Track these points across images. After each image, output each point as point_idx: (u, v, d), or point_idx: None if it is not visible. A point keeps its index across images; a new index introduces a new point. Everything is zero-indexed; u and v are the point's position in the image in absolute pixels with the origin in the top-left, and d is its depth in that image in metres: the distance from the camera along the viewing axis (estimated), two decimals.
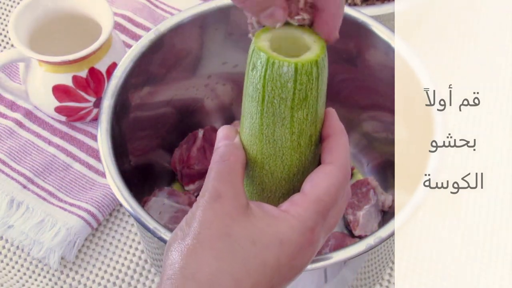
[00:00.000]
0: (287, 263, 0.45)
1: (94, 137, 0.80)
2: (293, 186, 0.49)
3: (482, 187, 0.79)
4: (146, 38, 0.67)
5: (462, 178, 0.79)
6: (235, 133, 0.49)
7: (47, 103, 0.77)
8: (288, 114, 0.46)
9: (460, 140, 0.82)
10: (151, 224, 0.57)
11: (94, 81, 0.76)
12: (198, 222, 0.44)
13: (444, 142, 0.61)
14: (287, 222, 0.45)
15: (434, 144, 0.61)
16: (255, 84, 0.46)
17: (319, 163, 0.49)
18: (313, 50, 0.46)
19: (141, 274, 0.73)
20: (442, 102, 0.63)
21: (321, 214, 0.46)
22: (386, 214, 0.73)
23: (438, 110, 0.63)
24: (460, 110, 0.84)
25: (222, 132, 0.49)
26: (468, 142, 0.82)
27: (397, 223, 0.57)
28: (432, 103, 0.63)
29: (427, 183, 0.59)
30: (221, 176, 0.46)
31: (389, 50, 0.67)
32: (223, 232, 0.44)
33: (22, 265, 0.74)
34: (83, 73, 0.75)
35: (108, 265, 0.74)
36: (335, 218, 0.48)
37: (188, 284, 0.43)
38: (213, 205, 0.45)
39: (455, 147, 0.81)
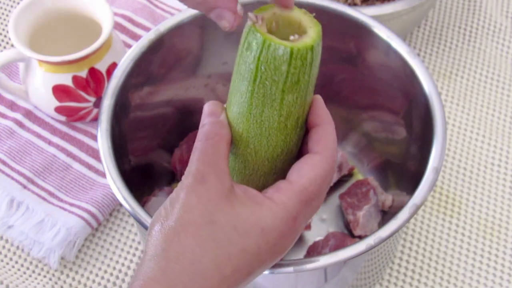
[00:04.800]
0: (268, 249, 0.45)
1: (94, 137, 0.80)
2: (275, 166, 0.50)
3: (482, 187, 0.79)
4: (146, 38, 0.67)
5: (462, 178, 0.79)
6: (222, 109, 0.49)
7: (47, 103, 0.77)
8: (279, 96, 0.46)
9: (460, 140, 0.82)
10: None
11: (94, 81, 0.76)
12: (182, 204, 0.45)
13: (444, 141, 0.61)
14: (271, 210, 0.45)
15: (434, 144, 0.61)
16: (248, 64, 0.46)
17: (302, 146, 0.49)
18: (309, 35, 0.46)
19: None
20: (442, 102, 0.63)
21: (304, 203, 0.46)
22: (386, 214, 0.73)
23: (438, 110, 0.63)
24: (460, 109, 0.85)
25: (208, 108, 0.48)
26: (467, 141, 0.82)
27: (397, 223, 0.57)
28: (432, 103, 0.63)
29: (427, 183, 0.59)
30: (206, 157, 0.46)
31: (389, 50, 0.67)
32: (207, 218, 0.44)
33: (22, 265, 0.74)
34: (83, 73, 0.75)
35: (108, 265, 0.74)
36: (317, 205, 0.48)
37: (170, 267, 0.44)
38: (197, 188, 0.45)
39: (455, 147, 0.81)
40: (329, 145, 0.48)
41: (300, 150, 0.51)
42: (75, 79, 0.75)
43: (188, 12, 0.69)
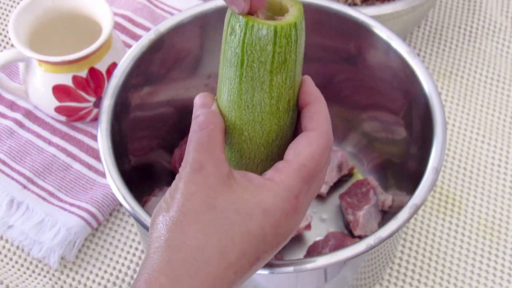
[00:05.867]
0: (272, 231, 0.45)
1: (94, 137, 0.80)
2: (271, 152, 0.50)
3: (482, 187, 0.79)
4: (146, 38, 0.67)
5: (462, 178, 0.79)
6: (212, 100, 0.49)
7: (47, 103, 0.77)
8: (267, 78, 0.46)
9: (460, 140, 0.82)
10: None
11: (94, 81, 0.76)
12: (181, 194, 0.45)
13: (444, 141, 0.61)
14: (271, 190, 0.45)
15: (434, 143, 0.61)
16: (234, 48, 0.46)
17: (296, 128, 0.50)
18: (292, 13, 0.46)
19: None
20: (442, 102, 0.63)
21: (305, 180, 0.46)
22: (386, 214, 0.73)
23: (438, 110, 0.63)
24: (460, 109, 0.85)
25: (199, 100, 0.49)
26: (467, 141, 0.82)
27: (397, 223, 0.57)
28: (432, 103, 0.63)
29: (427, 183, 0.59)
30: (201, 146, 0.46)
31: (389, 50, 0.67)
32: (207, 204, 0.44)
33: (22, 265, 0.74)
34: (83, 73, 0.75)
35: (108, 265, 0.74)
36: (319, 184, 0.48)
37: (174, 257, 0.43)
38: (195, 176, 0.45)
39: (455, 147, 0.81)
40: (323, 121, 0.47)
41: (294, 133, 0.51)
42: (75, 79, 0.75)
43: (188, 12, 0.69)
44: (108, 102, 0.64)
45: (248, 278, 0.46)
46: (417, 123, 0.67)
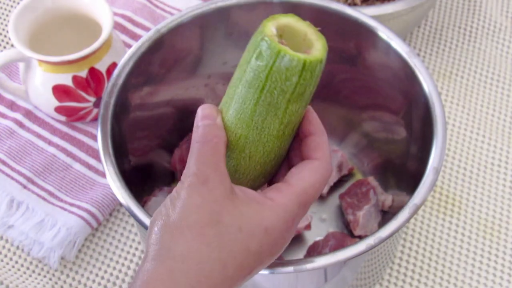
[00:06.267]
0: (268, 249, 0.47)
1: (94, 137, 0.80)
2: (265, 170, 0.51)
3: (482, 187, 0.79)
4: (146, 38, 0.67)
5: (462, 178, 0.79)
6: (217, 112, 0.49)
7: (47, 103, 0.77)
8: (284, 105, 0.48)
9: (460, 140, 0.82)
10: None
11: (94, 81, 0.76)
12: (186, 204, 0.45)
13: (444, 141, 0.61)
14: (273, 210, 0.46)
15: (434, 144, 0.61)
16: (258, 72, 0.47)
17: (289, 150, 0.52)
18: (317, 48, 0.47)
19: None
20: (442, 102, 0.63)
21: (302, 205, 0.48)
22: (386, 214, 0.73)
23: (438, 110, 0.62)
24: (460, 109, 0.85)
25: (203, 111, 0.49)
26: (467, 141, 0.82)
27: (397, 223, 0.57)
28: (432, 103, 0.63)
29: (427, 183, 0.59)
30: (205, 158, 0.46)
31: (389, 50, 0.67)
32: (212, 218, 0.45)
33: (22, 265, 0.74)
34: (83, 73, 0.75)
35: (108, 265, 0.74)
36: (306, 211, 0.49)
37: (177, 267, 0.44)
38: (200, 189, 0.45)
39: (455, 147, 0.81)
40: (326, 153, 0.49)
41: (287, 155, 0.52)
42: (75, 79, 0.75)
43: (188, 12, 0.69)
44: (108, 102, 0.64)
45: None
46: (417, 123, 0.67)
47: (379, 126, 0.75)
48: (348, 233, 0.73)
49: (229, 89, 0.50)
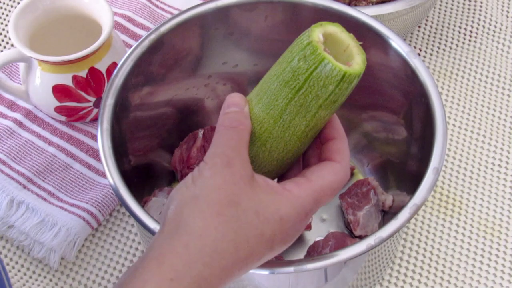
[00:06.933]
0: (280, 238, 0.48)
1: (94, 137, 0.80)
2: (279, 167, 0.53)
3: (482, 187, 0.79)
4: (146, 38, 0.67)
5: (462, 179, 0.79)
6: (245, 102, 0.51)
7: (47, 103, 0.77)
8: (314, 110, 0.50)
9: (460, 140, 0.82)
10: (151, 224, 0.57)
11: (94, 81, 0.76)
12: (207, 184, 0.47)
13: (444, 141, 0.61)
14: (289, 201, 0.48)
15: (434, 144, 0.61)
16: (297, 74, 0.49)
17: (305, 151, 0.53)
18: (358, 62, 0.49)
19: None
20: (442, 102, 0.63)
21: (317, 202, 0.49)
22: (387, 214, 0.73)
23: (438, 110, 0.62)
24: (460, 109, 0.85)
25: (232, 99, 0.51)
26: (468, 141, 0.82)
27: (397, 223, 0.56)
28: (432, 103, 0.63)
29: (428, 183, 0.59)
30: (230, 142, 0.48)
31: (389, 50, 0.67)
32: (232, 199, 0.46)
33: (22, 265, 0.74)
34: (83, 73, 0.75)
35: (108, 265, 0.74)
36: (318, 209, 0.51)
37: (192, 242, 0.45)
38: (223, 171, 0.47)
39: (455, 147, 0.81)
40: (347, 157, 0.51)
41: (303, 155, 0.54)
42: (75, 79, 0.75)
43: (188, 12, 0.68)
44: (108, 102, 0.64)
45: (244, 274, 0.48)
46: (417, 123, 0.67)
47: (379, 126, 0.75)
48: (348, 233, 0.73)
49: (262, 83, 0.51)
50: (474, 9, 0.93)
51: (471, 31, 0.91)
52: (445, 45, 0.90)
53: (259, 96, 0.51)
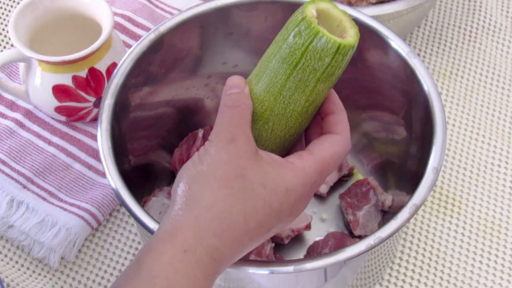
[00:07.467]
0: (287, 209, 0.49)
1: (94, 137, 0.80)
2: (282, 145, 0.54)
3: (482, 187, 0.79)
4: (146, 38, 0.67)
5: (462, 178, 0.79)
6: (245, 83, 0.52)
7: (47, 103, 0.77)
8: (313, 84, 0.51)
9: (460, 140, 0.82)
10: (151, 224, 0.57)
11: (94, 81, 0.76)
12: (214, 160, 0.49)
13: (444, 141, 0.61)
14: (294, 173, 0.49)
15: (434, 144, 0.61)
16: (294, 49, 0.50)
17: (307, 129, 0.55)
18: (351, 34, 0.51)
19: None
20: (442, 102, 0.63)
21: (320, 173, 0.51)
22: (386, 214, 0.73)
23: (438, 110, 0.62)
24: (460, 109, 0.85)
25: (233, 80, 0.52)
26: (468, 141, 0.82)
27: (396, 223, 0.56)
28: (432, 103, 0.63)
29: (427, 183, 0.59)
30: (234, 121, 0.50)
31: (389, 50, 0.67)
32: (238, 172, 0.48)
33: (22, 265, 0.74)
34: (83, 73, 0.75)
35: (108, 265, 0.74)
36: (324, 179, 0.53)
37: (203, 214, 0.47)
38: (228, 146, 0.49)
39: (455, 147, 0.81)
40: (346, 129, 0.53)
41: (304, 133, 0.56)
42: (75, 79, 0.75)
43: (188, 12, 0.69)
44: (108, 102, 0.64)
45: (256, 246, 0.50)
46: (417, 123, 0.67)
47: (379, 126, 0.75)
48: (348, 233, 0.73)
49: (261, 63, 0.53)
50: (474, 9, 0.93)
51: (471, 31, 0.91)
52: (445, 45, 0.90)
53: (258, 76, 0.52)
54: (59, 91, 0.76)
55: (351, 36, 0.51)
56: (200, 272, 0.46)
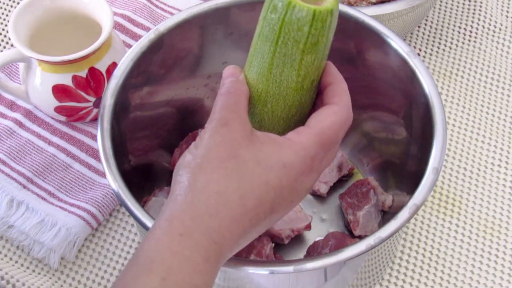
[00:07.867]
0: (289, 184, 0.49)
1: (94, 137, 0.80)
2: (289, 126, 0.54)
3: (482, 187, 0.79)
4: (146, 38, 0.67)
5: (462, 179, 0.79)
6: (240, 72, 0.53)
7: (47, 103, 0.77)
8: (299, 56, 0.50)
9: (460, 140, 0.82)
10: (151, 224, 0.56)
11: (94, 81, 0.76)
12: (207, 144, 0.49)
13: (444, 141, 0.61)
14: (290, 148, 0.49)
15: (434, 144, 0.61)
16: (272, 25, 0.50)
17: (313, 106, 0.54)
18: (329, 1, 0.50)
19: None
20: (442, 102, 0.63)
21: (322, 146, 0.50)
22: (386, 214, 0.73)
23: (438, 110, 0.62)
24: (460, 109, 0.85)
25: (228, 71, 0.53)
26: (468, 141, 0.82)
27: (397, 223, 0.56)
28: (432, 103, 0.63)
29: (427, 183, 0.59)
30: (228, 106, 0.50)
31: (389, 50, 0.67)
32: (230, 153, 0.48)
33: (22, 265, 0.74)
34: (83, 73, 0.75)
35: (108, 265, 0.74)
36: (332, 155, 0.52)
37: (197, 198, 0.47)
38: (220, 130, 0.49)
39: (455, 147, 0.81)
40: (345, 97, 0.52)
41: (310, 111, 0.54)
42: (75, 79, 0.75)
43: (188, 12, 0.69)
44: (108, 102, 0.64)
45: (261, 232, 0.49)
46: (417, 123, 0.67)
47: (379, 126, 0.75)
48: (348, 233, 0.73)
49: (250, 48, 0.53)
50: (474, 9, 0.93)
51: (471, 31, 0.91)
52: (445, 45, 0.90)
53: (250, 61, 0.53)
54: (59, 91, 0.76)
55: (329, 2, 0.50)
56: (199, 255, 0.46)
